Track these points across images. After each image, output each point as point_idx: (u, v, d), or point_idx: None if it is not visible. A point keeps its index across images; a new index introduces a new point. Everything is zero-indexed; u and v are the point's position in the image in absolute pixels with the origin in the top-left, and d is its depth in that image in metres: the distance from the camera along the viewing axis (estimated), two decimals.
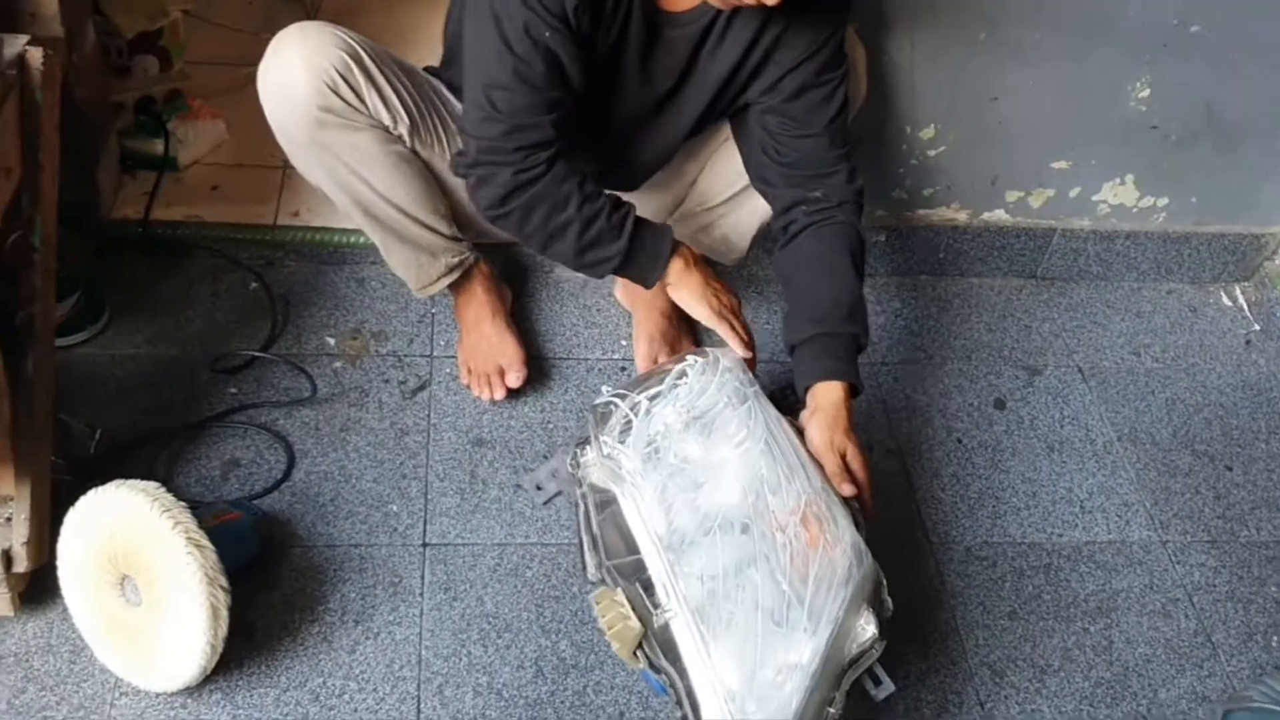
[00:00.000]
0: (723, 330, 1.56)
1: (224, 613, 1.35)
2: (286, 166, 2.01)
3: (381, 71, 1.56)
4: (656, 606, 1.31)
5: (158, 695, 1.42)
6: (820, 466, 1.43)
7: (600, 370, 1.90)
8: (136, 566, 1.37)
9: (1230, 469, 1.94)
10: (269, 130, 1.81)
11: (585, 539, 1.40)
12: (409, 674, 1.49)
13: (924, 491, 1.82)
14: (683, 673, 1.28)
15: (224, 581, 1.35)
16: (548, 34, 1.39)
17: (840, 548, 1.34)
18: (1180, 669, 1.66)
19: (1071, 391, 2.03)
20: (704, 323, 1.58)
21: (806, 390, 1.51)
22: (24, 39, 1.36)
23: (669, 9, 1.48)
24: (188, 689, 1.41)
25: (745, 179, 1.67)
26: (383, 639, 1.52)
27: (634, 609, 1.31)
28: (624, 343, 1.94)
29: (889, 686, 1.34)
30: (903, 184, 2.07)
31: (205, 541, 1.34)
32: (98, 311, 1.79)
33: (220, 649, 1.37)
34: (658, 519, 1.34)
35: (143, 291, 1.87)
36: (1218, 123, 2.04)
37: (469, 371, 1.83)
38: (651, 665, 1.31)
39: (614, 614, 1.31)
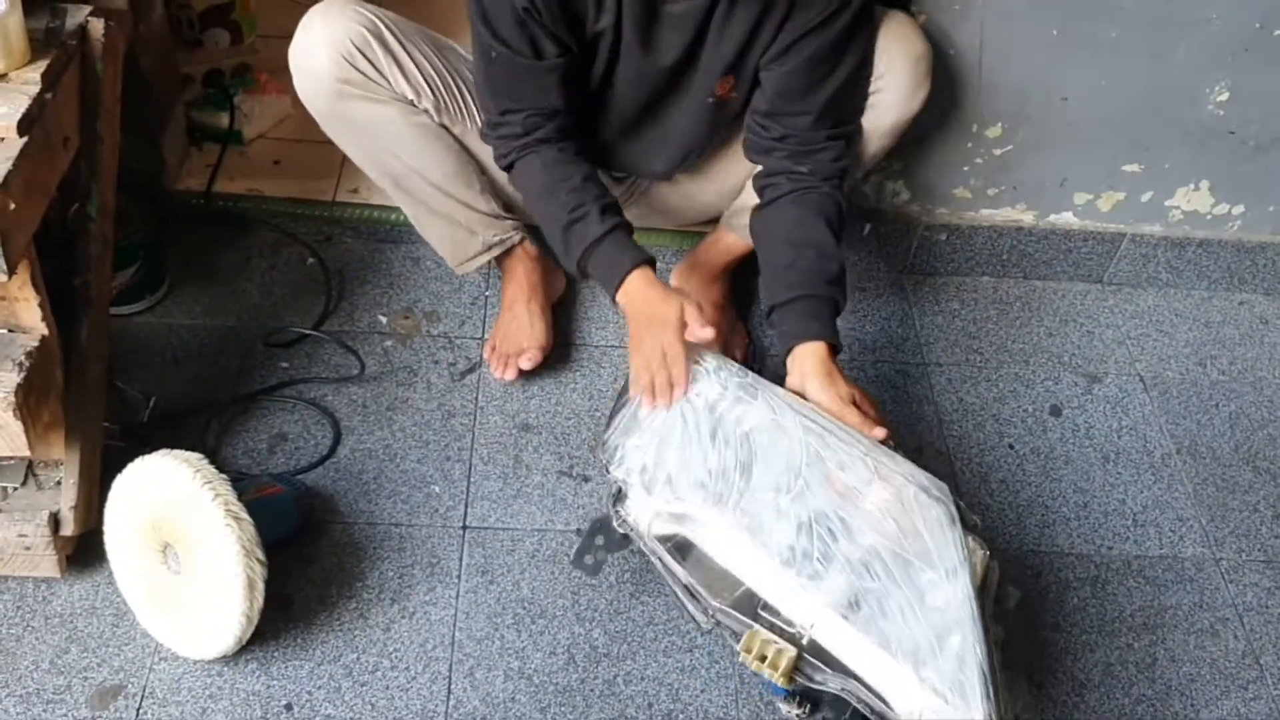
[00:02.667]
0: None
1: (260, 585, 1.37)
2: None
3: (403, 46, 1.61)
4: (791, 624, 1.30)
5: (195, 662, 1.44)
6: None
7: None
8: (177, 535, 1.39)
9: None
10: None
11: (679, 591, 1.37)
12: (442, 655, 1.50)
13: (971, 497, 1.79)
14: (853, 674, 1.27)
15: (261, 554, 1.37)
16: (494, 54, 1.50)
17: (917, 490, 1.34)
18: (1225, 690, 1.62)
19: (1131, 401, 1.98)
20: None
21: (788, 351, 1.53)
22: (86, 10, 1.39)
23: None
24: (224, 657, 1.43)
25: None
26: (418, 619, 1.53)
27: (780, 635, 1.30)
28: None
29: (1016, 594, 1.36)
30: (967, 182, 2.03)
31: (244, 514, 1.36)
32: (158, 281, 1.82)
33: (256, 620, 1.39)
34: (757, 544, 1.33)
35: (202, 263, 1.90)
36: None
37: (493, 349, 1.84)
38: (810, 681, 1.30)
39: (772, 651, 1.29)
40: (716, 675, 1.52)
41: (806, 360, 1.51)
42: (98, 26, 1.40)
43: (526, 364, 1.80)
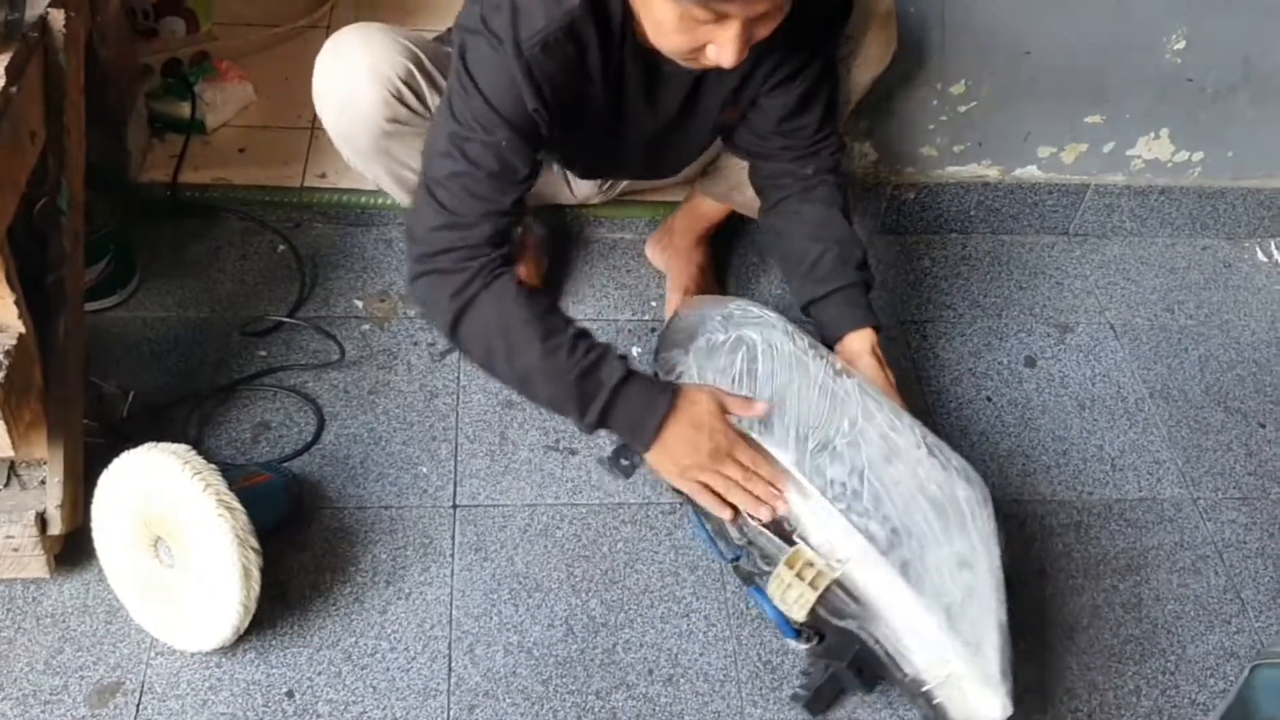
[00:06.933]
0: (697, 497, 1.43)
1: (256, 574, 1.37)
2: (314, 128, 2.01)
3: (440, 70, 1.52)
4: (824, 557, 1.34)
5: (193, 654, 1.44)
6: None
7: (631, 331, 1.89)
8: (169, 528, 1.38)
9: (1263, 426, 1.92)
10: (296, 92, 1.79)
11: (704, 520, 1.40)
12: (440, 633, 1.50)
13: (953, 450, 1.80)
14: (878, 615, 1.33)
15: (255, 543, 1.36)
16: (505, 144, 1.33)
17: (956, 468, 1.40)
18: (1209, 625, 1.66)
19: (1103, 349, 2.01)
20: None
21: (836, 341, 1.57)
22: (45, 0, 1.36)
23: None
24: (222, 648, 1.43)
25: None
26: (414, 599, 1.53)
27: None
28: (654, 304, 1.94)
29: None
30: (933, 141, 2.04)
31: (236, 503, 1.35)
32: (128, 275, 1.80)
33: (253, 609, 1.39)
34: (805, 474, 1.37)
35: (172, 255, 1.88)
36: (1255, 76, 2.00)
37: None
38: (832, 615, 1.35)
39: (812, 573, 1.34)
40: (714, 638, 1.54)
41: (856, 345, 1.55)
42: (58, 17, 1.37)
43: None
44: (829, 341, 1.57)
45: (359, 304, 1.87)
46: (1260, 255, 2.24)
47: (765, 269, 2.03)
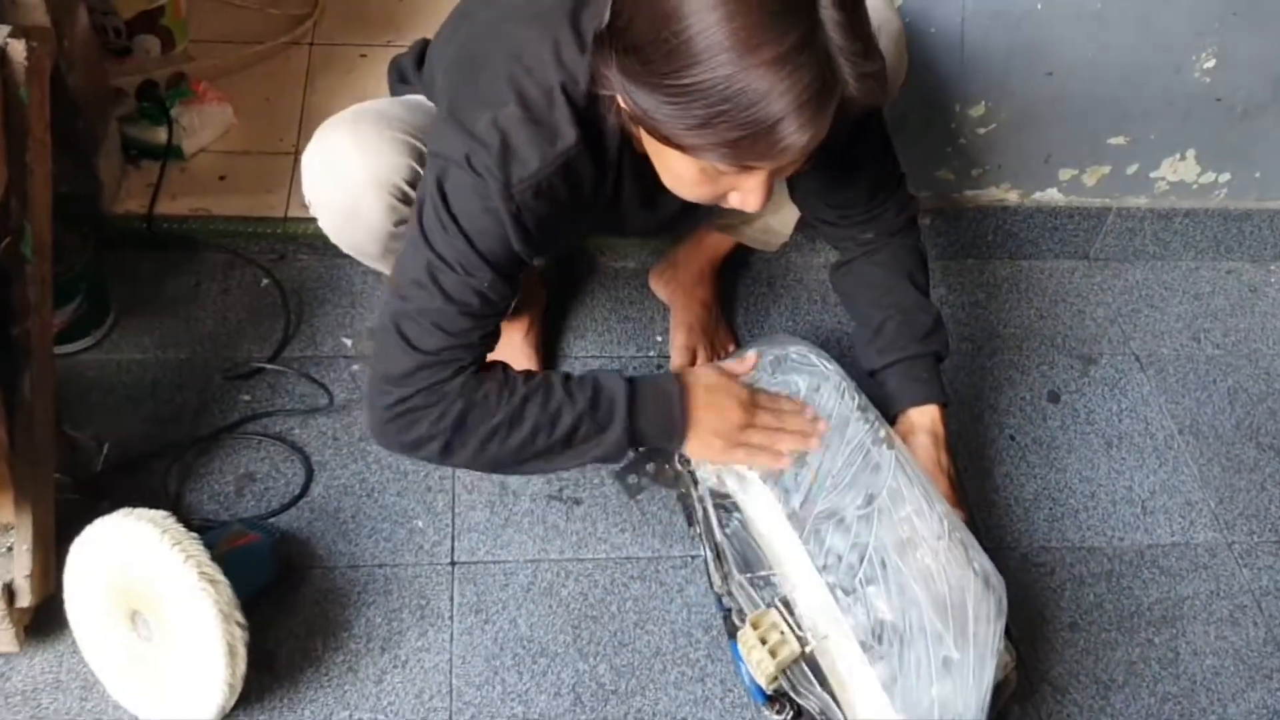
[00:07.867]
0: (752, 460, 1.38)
1: (242, 650, 1.27)
2: (297, 153, 1.89)
3: None
4: (801, 628, 1.29)
5: None
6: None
7: (636, 368, 1.80)
8: (147, 602, 1.28)
9: None
10: (279, 113, 1.66)
11: (708, 549, 1.36)
12: (440, 704, 1.41)
13: (975, 494, 1.72)
14: (838, 702, 1.26)
15: (240, 617, 1.26)
16: (486, 285, 1.21)
17: (977, 571, 1.30)
18: (1250, 681, 1.57)
19: (1129, 382, 1.92)
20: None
21: (897, 415, 1.49)
22: (5, 30, 1.26)
23: None
24: None
25: None
26: (411, 667, 1.43)
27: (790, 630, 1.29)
28: (659, 338, 1.84)
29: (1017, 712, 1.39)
30: (950, 164, 1.95)
31: (219, 575, 1.25)
32: (102, 315, 1.69)
33: (240, 687, 1.29)
34: (804, 541, 1.30)
35: (149, 291, 1.77)
36: None
37: None
38: (794, 690, 1.29)
39: (775, 637, 1.28)
40: (731, 704, 1.45)
41: (916, 419, 1.48)
42: (19, 48, 1.26)
43: None
44: (890, 415, 1.47)
45: (348, 342, 1.76)
46: None
47: (775, 301, 1.93)
